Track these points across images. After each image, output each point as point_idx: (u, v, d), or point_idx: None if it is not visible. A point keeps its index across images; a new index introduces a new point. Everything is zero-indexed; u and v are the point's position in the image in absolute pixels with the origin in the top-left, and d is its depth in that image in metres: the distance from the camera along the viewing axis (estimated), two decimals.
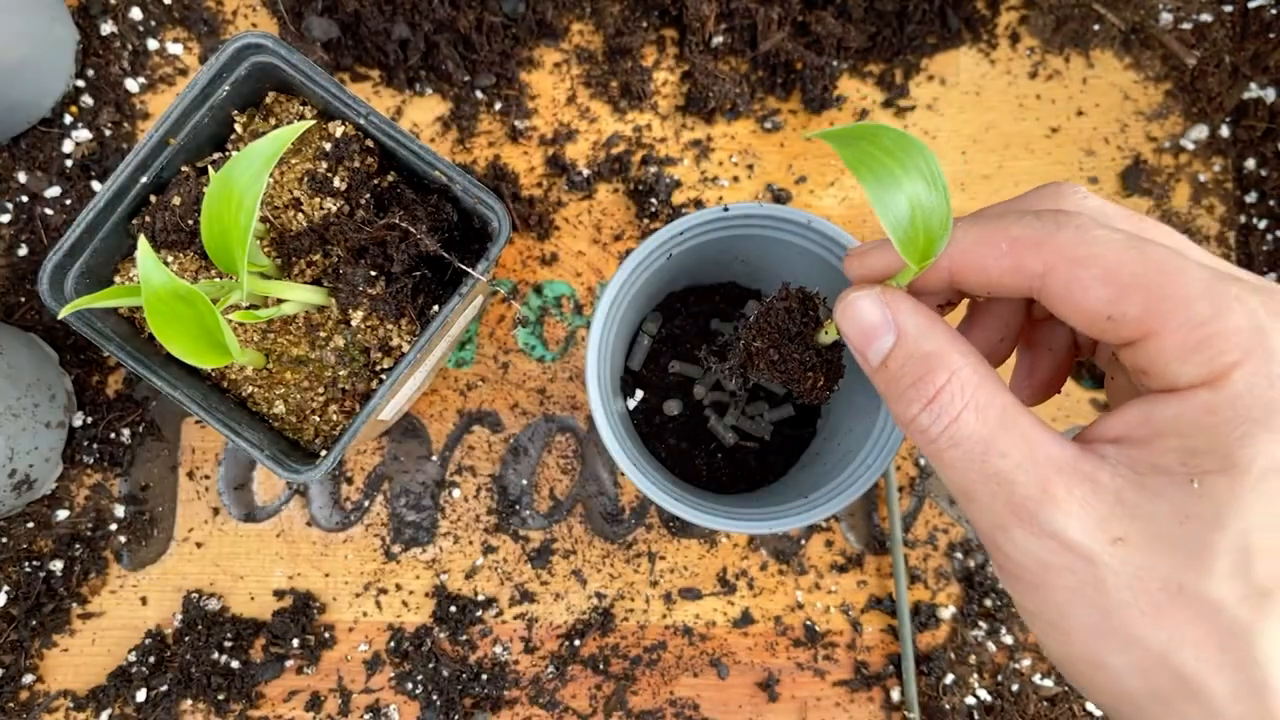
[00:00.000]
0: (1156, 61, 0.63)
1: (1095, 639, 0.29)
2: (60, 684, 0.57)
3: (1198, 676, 0.27)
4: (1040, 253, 0.30)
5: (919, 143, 0.29)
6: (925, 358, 0.31)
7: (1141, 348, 0.29)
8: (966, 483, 0.30)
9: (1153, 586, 0.28)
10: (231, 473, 0.59)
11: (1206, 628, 0.27)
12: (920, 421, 0.31)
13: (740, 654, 0.58)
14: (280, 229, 0.44)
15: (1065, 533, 0.28)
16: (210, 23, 0.61)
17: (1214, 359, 0.27)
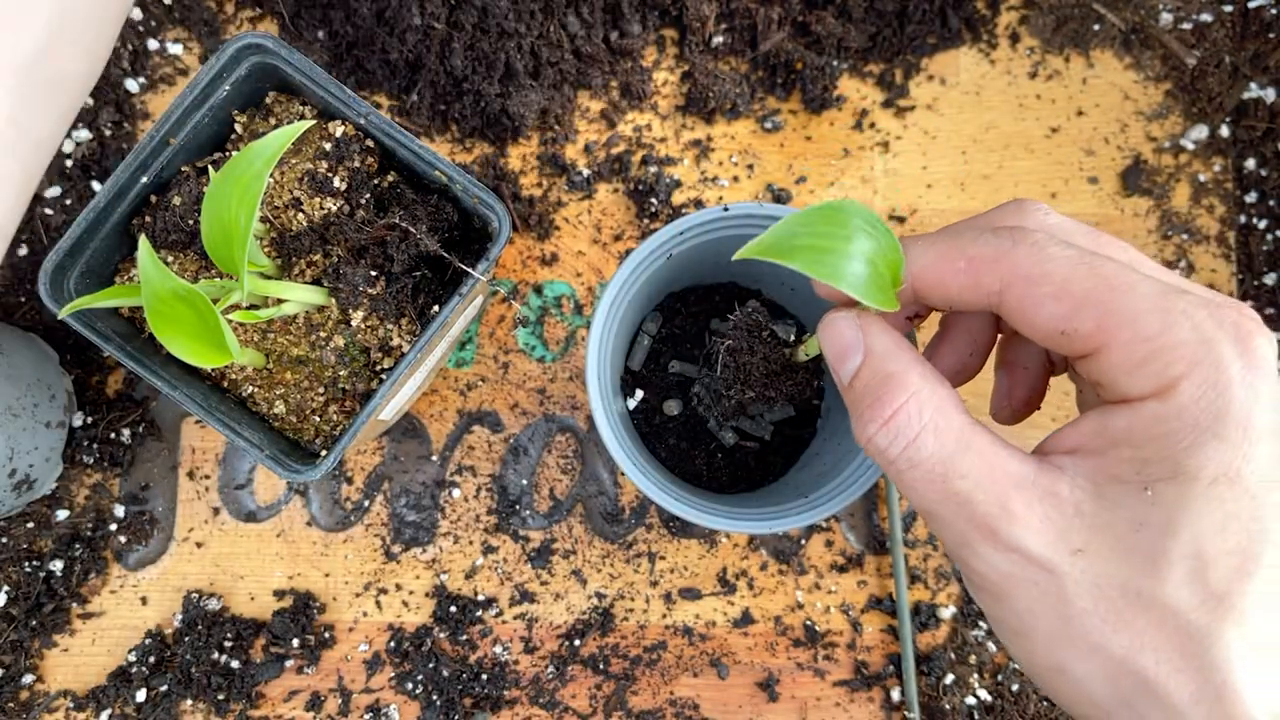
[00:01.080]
0: (1157, 61, 0.63)
1: (1059, 646, 0.30)
2: (60, 684, 0.57)
3: (1159, 680, 0.28)
4: (996, 269, 0.31)
5: (844, 205, 0.30)
6: (887, 378, 0.32)
7: (1094, 361, 0.30)
8: (927, 503, 0.31)
9: (1112, 594, 0.29)
10: (232, 473, 0.59)
11: (1166, 633, 0.28)
12: (877, 442, 0.31)
13: (740, 654, 0.58)
14: (280, 229, 0.44)
15: (1026, 546, 0.29)
16: (210, 23, 0.61)
17: (1161, 371, 0.28)
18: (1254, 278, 0.61)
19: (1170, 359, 0.28)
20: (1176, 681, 0.28)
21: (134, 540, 0.58)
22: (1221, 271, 0.62)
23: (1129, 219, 0.62)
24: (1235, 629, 0.28)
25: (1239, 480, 0.28)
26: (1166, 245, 0.62)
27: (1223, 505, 0.28)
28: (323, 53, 0.61)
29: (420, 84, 0.60)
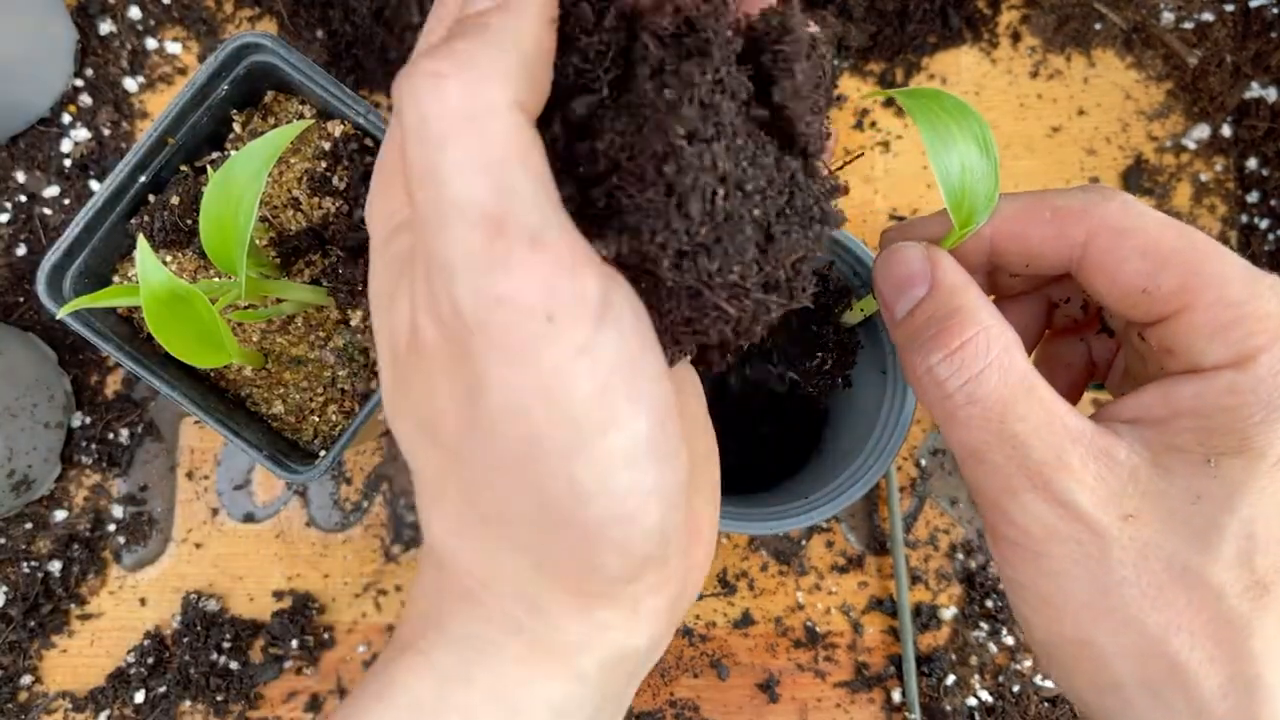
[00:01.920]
0: (1158, 61, 0.63)
1: (1090, 617, 0.28)
2: (59, 685, 0.56)
3: (1190, 666, 0.27)
4: (1083, 221, 0.30)
5: (976, 112, 0.29)
6: (957, 310, 0.30)
7: (1171, 324, 0.29)
8: (978, 442, 0.29)
9: (1157, 566, 0.27)
10: (230, 473, 0.59)
11: (1206, 615, 0.27)
12: (938, 372, 0.30)
13: (740, 655, 0.58)
14: (279, 228, 0.44)
15: (1077, 502, 0.28)
16: (209, 22, 0.61)
17: (1243, 340, 0.27)
18: None
19: (1254, 329, 0.27)
20: (1207, 669, 0.27)
21: (132, 541, 0.58)
22: None
23: None
24: (1276, 622, 0.26)
25: None
26: None
27: (1259, 503, 0.27)
28: (321, 52, 0.61)
29: None
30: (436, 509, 0.24)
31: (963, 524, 0.59)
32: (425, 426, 0.23)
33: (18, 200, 0.59)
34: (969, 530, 0.59)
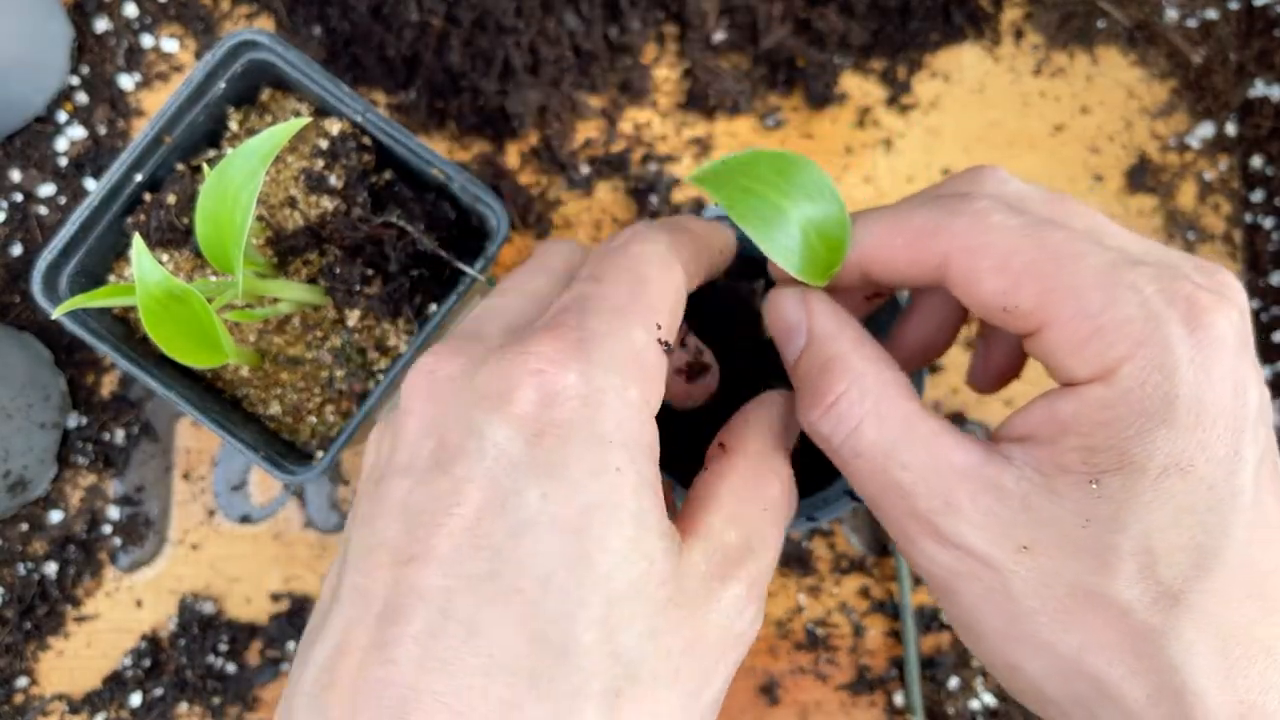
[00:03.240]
0: (1162, 59, 0.62)
1: (1007, 644, 0.28)
2: (55, 687, 0.56)
3: (1113, 681, 0.26)
4: (937, 241, 0.29)
5: (797, 160, 0.29)
6: (829, 362, 0.30)
7: (1038, 340, 0.28)
8: (870, 494, 0.29)
9: (1060, 593, 0.27)
10: (227, 474, 0.58)
11: (1118, 632, 0.26)
12: (820, 429, 0.30)
13: None
14: (276, 227, 0.43)
15: (969, 543, 0.27)
16: (206, 19, 0.61)
17: (1104, 352, 0.26)
18: (1260, 277, 0.61)
19: (1113, 339, 0.26)
20: (1131, 683, 0.26)
21: (129, 542, 0.57)
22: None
23: (1134, 217, 0.61)
24: (1193, 628, 0.25)
25: (1192, 471, 0.26)
26: (1172, 244, 0.61)
27: (1174, 498, 0.26)
28: (319, 49, 0.60)
29: (417, 81, 0.60)
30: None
31: None
32: None
33: (13, 199, 0.58)
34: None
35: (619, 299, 0.27)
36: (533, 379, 0.25)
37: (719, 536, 0.27)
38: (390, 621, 0.23)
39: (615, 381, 0.25)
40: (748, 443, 0.31)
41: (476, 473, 0.24)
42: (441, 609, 0.23)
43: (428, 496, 0.24)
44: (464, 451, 0.24)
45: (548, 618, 0.23)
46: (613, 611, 0.23)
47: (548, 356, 0.25)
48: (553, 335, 0.25)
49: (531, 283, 0.31)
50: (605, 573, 0.23)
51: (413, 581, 0.23)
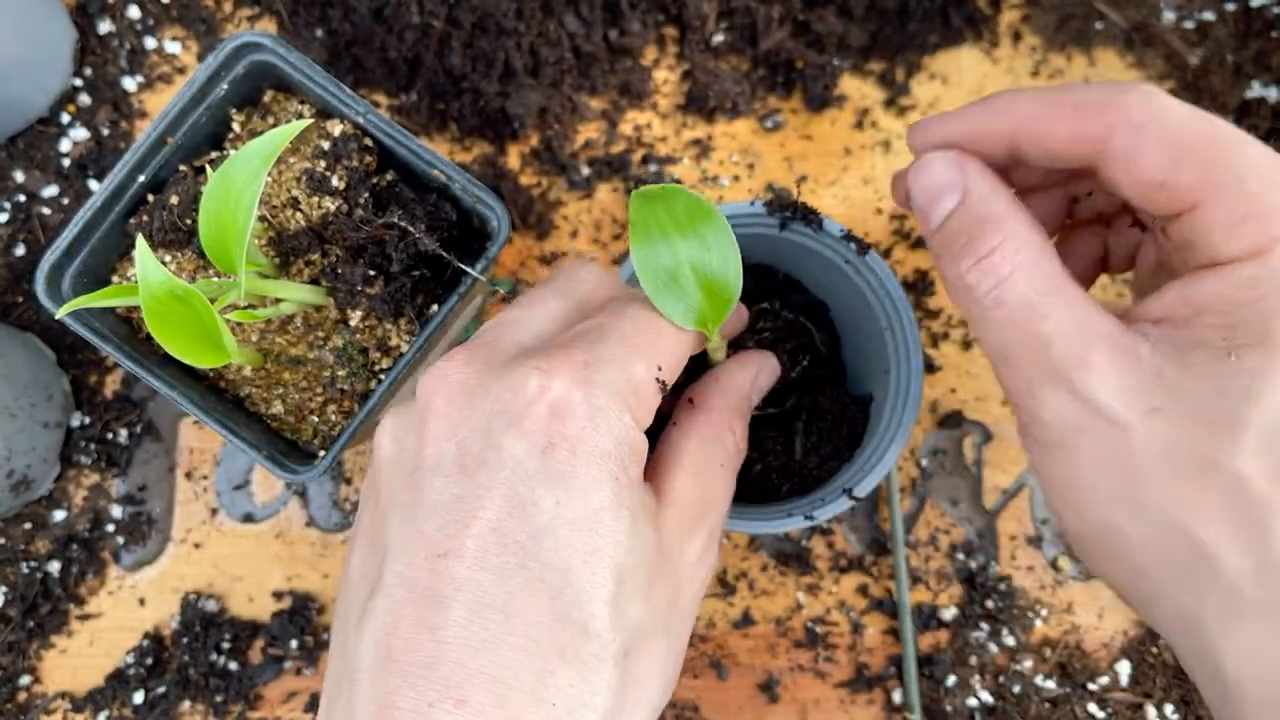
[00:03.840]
0: (1159, 60, 0.62)
1: (1115, 507, 0.29)
2: (58, 685, 0.56)
3: (1216, 551, 0.27)
4: (1104, 115, 0.30)
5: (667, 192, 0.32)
6: (985, 219, 0.31)
7: (1190, 218, 0.29)
8: (1005, 343, 0.31)
9: (1181, 457, 0.28)
10: (230, 473, 0.59)
11: (1229, 501, 0.27)
12: (969, 279, 0.31)
13: (740, 655, 0.58)
14: (278, 228, 0.43)
15: (1098, 396, 0.29)
16: (208, 21, 0.61)
17: (1260, 232, 0.27)
18: None
19: (1272, 220, 0.27)
20: (1235, 554, 0.27)
21: (131, 541, 0.58)
22: None
23: None
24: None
25: None
26: None
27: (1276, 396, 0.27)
28: (321, 51, 0.60)
29: (419, 82, 0.60)
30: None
31: (963, 524, 0.59)
32: None
33: (16, 200, 0.59)
34: (969, 530, 0.59)
35: (632, 337, 0.31)
36: (544, 396, 0.28)
37: (686, 495, 0.32)
38: (435, 607, 0.26)
39: (614, 403, 0.29)
40: (713, 399, 0.35)
41: (497, 480, 0.27)
42: (478, 598, 0.26)
43: (456, 498, 0.28)
44: (484, 462, 0.28)
45: (570, 602, 0.27)
46: (620, 590, 0.28)
47: (558, 375, 0.28)
48: (564, 355, 0.29)
49: (551, 304, 0.34)
50: (612, 561, 0.28)
51: (450, 573, 0.27)
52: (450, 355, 0.31)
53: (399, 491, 0.29)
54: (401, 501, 0.29)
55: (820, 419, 0.48)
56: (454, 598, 0.26)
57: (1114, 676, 0.58)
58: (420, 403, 0.30)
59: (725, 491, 0.34)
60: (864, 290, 0.48)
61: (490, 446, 0.28)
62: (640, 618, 0.28)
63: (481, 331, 0.33)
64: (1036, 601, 0.59)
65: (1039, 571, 0.59)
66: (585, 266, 0.36)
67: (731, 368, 0.37)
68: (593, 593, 0.27)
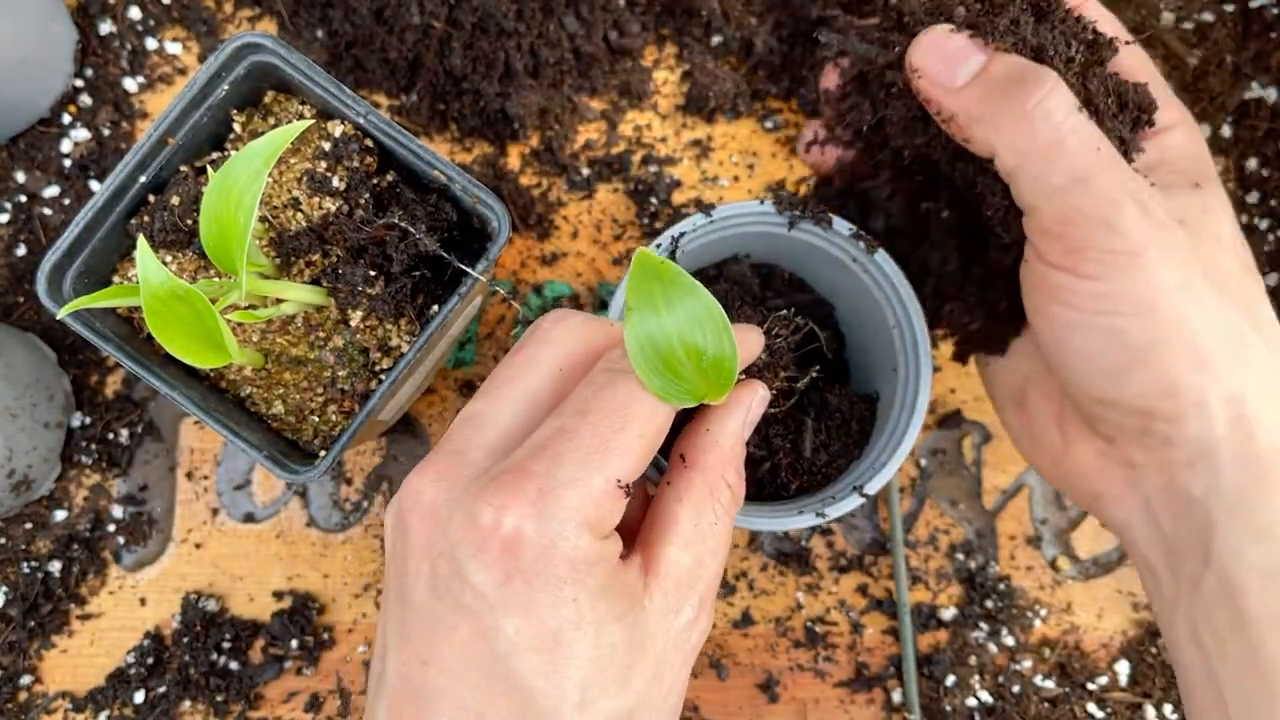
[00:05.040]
0: (1158, 61, 0.63)
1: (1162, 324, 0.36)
2: (58, 685, 0.56)
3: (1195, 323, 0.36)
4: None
5: (648, 264, 0.32)
6: (1026, 65, 0.37)
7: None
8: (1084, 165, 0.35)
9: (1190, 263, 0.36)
10: (230, 473, 0.59)
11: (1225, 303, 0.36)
12: (1048, 104, 0.35)
13: (740, 655, 0.58)
14: (279, 229, 0.44)
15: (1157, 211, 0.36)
16: (209, 22, 0.61)
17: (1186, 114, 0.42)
18: None
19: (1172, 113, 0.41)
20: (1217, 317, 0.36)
21: (132, 541, 0.58)
22: None
23: None
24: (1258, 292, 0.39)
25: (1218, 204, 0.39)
26: None
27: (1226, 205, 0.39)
28: (321, 52, 0.61)
29: (419, 83, 0.60)
30: None
31: (962, 524, 0.59)
32: None
33: (18, 200, 0.59)
34: (969, 530, 0.59)
35: (593, 443, 0.31)
36: (497, 532, 0.30)
37: (675, 566, 0.33)
38: (424, 706, 0.30)
39: (569, 529, 0.30)
40: (705, 456, 0.35)
41: (463, 605, 0.30)
42: (458, 704, 0.30)
43: (433, 616, 0.31)
44: (451, 588, 0.30)
45: (538, 713, 0.30)
46: (588, 694, 0.30)
47: (510, 510, 0.30)
48: (518, 486, 0.30)
49: (524, 381, 0.34)
50: (575, 673, 0.30)
51: (433, 680, 0.30)
52: (423, 467, 0.32)
53: (393, 595, 0.32)
54: (394, 605, 0.32)
55: (829, 417, 0.48)
56: (437, 701, 0.30)
57: (1113, 676, 0.58)
58: (402, 513, 0.32)
59: (720, 548, 0.35)
60: (871, 288, 0.48)
61: (455, 575, 0.30)
62: (614, 708, 0.31)
63: (450, 433, 0.34)
64: (1036, 601, 0.59)
65: (1038, 571, 0.59)
66: (559, 324, 0.36)
67: (721, 415, 0.36)
68: (558, 704, 0.29)
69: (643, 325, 0.32)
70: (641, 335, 0.32)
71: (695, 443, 0.36)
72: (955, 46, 0.38)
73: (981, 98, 0.37)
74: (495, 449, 0.33)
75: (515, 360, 0.35)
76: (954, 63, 0.37)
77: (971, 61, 0.37)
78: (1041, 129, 0.35)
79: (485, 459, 0.32)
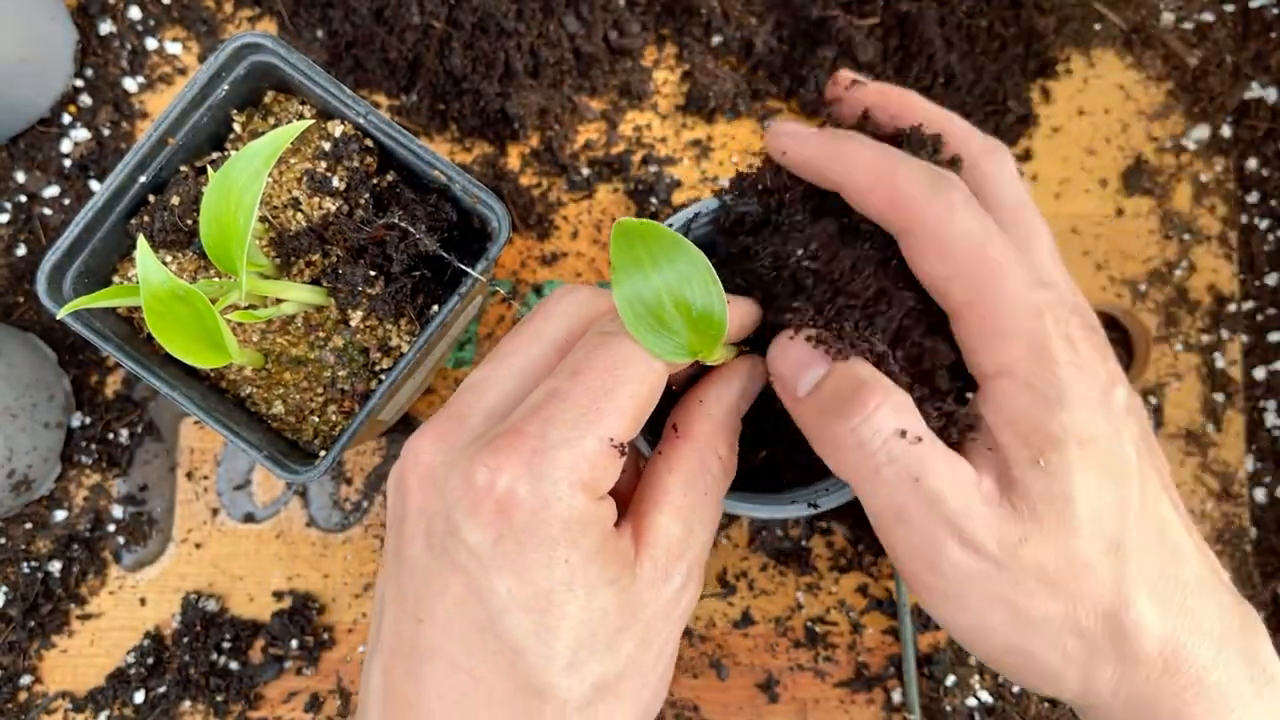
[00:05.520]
0: (1158, 61, 0.63)
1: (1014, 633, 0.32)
2: (59, 685, 0.56)
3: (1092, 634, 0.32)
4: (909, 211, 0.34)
5: (636, 228, 0.32)
6: (861, 380, 0.33)
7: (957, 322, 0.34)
8: (899, 501, 0.32)
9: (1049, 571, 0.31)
10: (230, 473, 0.59)
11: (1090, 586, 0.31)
12: (861, 433, 0.32)
13: (740, 655, 0.58)
14: (279, 228, 0.44)
15: (986, 545, 0.31)
16: (209, 22, 0.61)
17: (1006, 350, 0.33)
18: (1256, 278, 0.61)
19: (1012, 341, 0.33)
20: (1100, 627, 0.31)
21: (132, 541, 0.58)
22: (1223, 272, 0.62)
23: (1130, 219, 0.62)
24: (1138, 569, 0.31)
25: (1094, 443, 0.32)
26: (1168, 245, 0.62)
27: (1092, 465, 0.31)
28: (321, 52, 0.61)
29: (419, 83, 0.60)
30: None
31: None
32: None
33: (18, 200, 0.59)
34: None
35: (585, 403, 0.31)
36: (491, 492, 0.30)
37: (665, 535, 0.33)
38: (417, 662, 0.31)
39: (562, 488, 0.30)
40: (697, 426, 0.35)
41: (457, 564, 0.30)
42: (451, 661, 0.30)
43: (427, 573, 0.31)
44: (446, 547, 0.31)
45: (527, 671, 0.30)
46: (578, 655, 0.30)
47: (504, 470, 0.30)
48: (512, 446, 0.30)
49: (526, 351, 0.35)
50: (566, 634, 0.30)
51: (426, 638, 0.31)
52: (423, 430, 0.33)
53: (391, 553, 0.33)
54: (392, 564, 0.33)
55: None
56: (430, 658, 0.31)
57: None
58: (402, 474, 0.33)
59: (710, 518, 0.35)
60: None
61: (450, 533, 0.30)
62: (603, 671, 0.31)
63: (452, 400, 0.34)
64: None
65: None
66: (565, 298, 0.36)
67: (716, 385, 0.36)
68: (547, 664, 0.30)
69: (630, 284, 0.32)
70: (630, 294, 0.32)
71: (688, 414, 0.36)
72: (800, 357, 0.35)
73: (813, 416, 0.34)
74: (494, 414, 0.33)
75: (521, 331, 0.35)
76: (801, 369, 0.35)
77: (814, 372, 0.35)
78: (856, 458, 0.33)
79: (484, 424, 0.33)
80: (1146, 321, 0.61)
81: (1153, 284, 0.61)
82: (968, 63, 0.61)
